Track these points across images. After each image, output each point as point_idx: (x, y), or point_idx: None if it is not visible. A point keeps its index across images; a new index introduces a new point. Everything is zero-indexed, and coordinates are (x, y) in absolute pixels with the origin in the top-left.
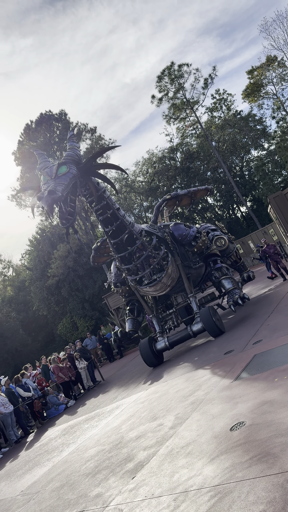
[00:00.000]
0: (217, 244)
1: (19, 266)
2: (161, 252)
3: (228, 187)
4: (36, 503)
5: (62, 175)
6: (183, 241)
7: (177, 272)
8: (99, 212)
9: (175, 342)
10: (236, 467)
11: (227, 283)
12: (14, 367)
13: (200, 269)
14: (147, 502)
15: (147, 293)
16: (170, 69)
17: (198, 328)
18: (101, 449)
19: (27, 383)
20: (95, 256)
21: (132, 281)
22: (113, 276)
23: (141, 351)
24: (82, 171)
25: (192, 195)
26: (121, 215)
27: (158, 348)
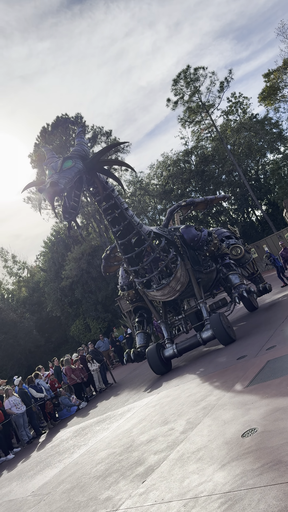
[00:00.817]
0: (232, 253)
1: (33, 267)
2: (169, 255)
3: (243, 191)
4: (47, 504)
5: (67, 169)
6: (195, 245)
7: (186, 277)
8: (107, 212)
9: (183, 349)
10: (247, 474)
11: (234, 278)
12: (28, 368)
13: (211, 274)
14: (156, 507)
15: (155, 298)
16: (186, 73)
17: (208, 336)
18: (112, 452)
19: (40, 384)
20: (105, 266)
21: (139, 284)
22: (121, 279)
23: (148, 358)
24: (89, 166)
25: (208, 202)
26: (129, 215)
27: (166, 355)
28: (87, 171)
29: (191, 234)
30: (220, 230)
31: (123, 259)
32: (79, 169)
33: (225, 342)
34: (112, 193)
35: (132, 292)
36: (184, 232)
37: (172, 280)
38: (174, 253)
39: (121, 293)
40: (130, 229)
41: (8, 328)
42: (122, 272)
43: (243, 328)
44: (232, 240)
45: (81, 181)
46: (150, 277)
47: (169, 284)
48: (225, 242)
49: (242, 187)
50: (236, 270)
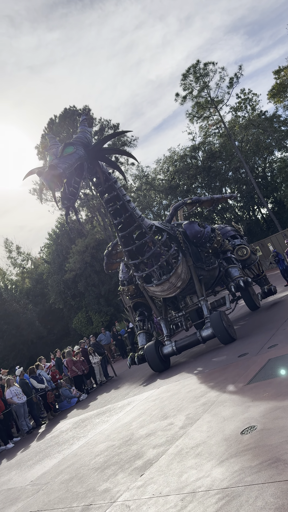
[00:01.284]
0: (238, 254)
1: (37, 259)
2: (171, 250)
3: (249, 188)
4: (45, 494)
5: (68, 155)
6: (198, 242)
7: (188, 274)
8: (109, 204)
9: (183, 347)
10: (246, 471)
11: (234, 271)
12: (29, 359)
13: (214, 271)
14: (154, 500)
15: (155, 294)
16: (196, 67)
17: (207, 334)
18: (111, 445)
19: (41, 374)
20: (107, 263)
21: (139, 279)
22: (121, 274)
23: (146, 355)
24: (90, 154)
25: (215, 200)
26: (131, 207)
27: (165, 352)
28: (88, 158)
29: (194, 230)
30: (225, 228)
31: (123, 252)
32: (80, 156)
33: (225, 341)
34: (114, 184)
35: (132, 288)
36: (187, 228)
37: (172, 275)
38: (176, 248)
39: (121, 288)
40: (131, 222)
41: (11, 318)
42: (123, 267)
43: (245, 326)
44: (238, 241)
45: (82, 168)
46: (149, 271)
47: (169, 280)
48: (230, 243)
49: (249, 184)
50: (237, 264)
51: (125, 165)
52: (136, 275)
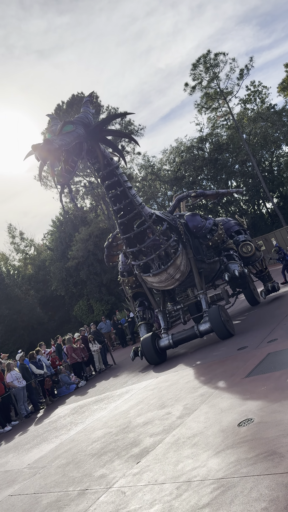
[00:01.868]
0: (242, 250)
1: (40, 245)
2: (170, 239)
3: (255, 182)
4: (42, 477)
5: (66, 133)
6: (198, 232)
7: (187, 266)
8: (110, 190)
9: (179, 340)
10: (241, 463)
11: (233, 266)
12: (30, 344)
13: (215, 264)
14: (150, 488)
15: (153, 285)
16: (206, 58)
17: (205, 328)
18: (108, 432)
19: (41, 360)
20: (108, 256)
21: (136, 268)
22: (121, 265)
23: (142, 348)
24: (91, 135)
25: (220, 195)
26: (132, 194)
27: (161, 345)
28: (88, 139)
29: (195, 221)
30: (229, 222)
31: (122, 240)
32: (79, 134)
33: (222, 336)
34: (116, 170)
35: (132, 279)
36: (189, 220)
37: (170, 266)
38: (175, 238)
39: (121, 279)
40: (131, 209)
41: (12, 303)
42: (122, 258)
43: (246, 320)
44: (242, 236)
45: (80, 147)
46: (147, 260)
47: (167, 271)
48: (234, 239)
49: (255, 178)
50: (238, 262)
51: (131, 154)
52: (133, 263)
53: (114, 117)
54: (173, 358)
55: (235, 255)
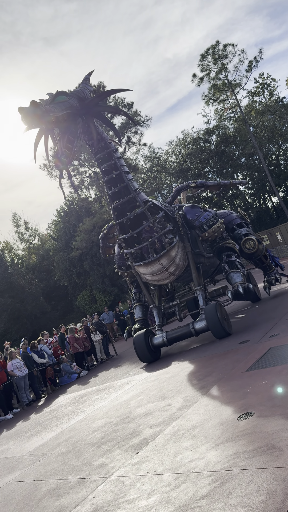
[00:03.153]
0: (246, 247)
1: (44, 235)
2: (165, 228)
3: (261, 175)
4: (42, 465)
5: (58, 102)
6: (194, 222)
7: (185, 260)
8: (106, 174)
9: (174, 338)
10: (240, 456)
11: (236, 276)
12: (32, 333)
13: (214, 259)
14: (148, 478)
15: (147, 278)
16: (215, 49)
17: (201, 327)
18: (108, 421)
19: (43, 349)
20: (103, 247)
21: (129, 258)
22: (117, 257)
23: (135, 345)
24: (85, 109)
25: (222, 186)
26: (128, 179)
27: (155, 343)
28: (82, 113)
29: (194, 211)
30: (231, 215)
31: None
32: (71, 105)
33: (218, 335)
34: (113, 153)
35: (131, 273)
36: (187, 211)
37: (163, 256)
38: (171, 228)
39: (119, 272)
40: (126, 193)
41: (16, 292)
42: (117, 250)
43: (248, 314)
44: (244, 230)
45: (76, 123)
46: (139, 248)
47: (159, 261)
48: (235, 232)
49: (261, 171)
50: (241, 269)
51: (137, 145)
52: (125, 252)
53: (109, 93)
54: (174, 350)
55: (238, 261)
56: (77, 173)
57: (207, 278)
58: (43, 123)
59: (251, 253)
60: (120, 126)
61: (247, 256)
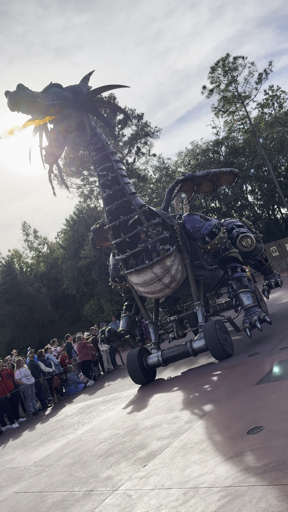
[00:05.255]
0: (242, 244)
1: (53, 244)
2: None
3: (270, 187)
4: (48, 476)
5: (50, 93)
6: (195, 234)
7: (183, 273)
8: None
9: (170, 358)
10: (250, 471)
11: (246, 298)
12: (40, 341)
13: (217, 271)
14: (156, 492)
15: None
16: (225, 61)
17: (199, 346)
18: (115, 433)
19: (50, 358)
20: (94, 239)
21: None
22: (111, 269)
23: (127, 364)
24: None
25: (213, 178)
26: (124, 182)
27: (149, 362)
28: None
29: (194, 221)
30: (232, 219)
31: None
32: (64, 97)
33: (218, 356)
34: (111, 155)
35: (125, 285)
36: (186, 221)
37: (155, 263)
38: (168, 235)
39: (113, 284)
40: (120, 196)
41: (24, 300)
42: (112, 261)
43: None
44: (244, 229)
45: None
46: (132, 253)
47: (152, 269)
48: (234, 230)
49: (270, 183)
50: (249, 287)
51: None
52: (117, 258)
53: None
54: (181, 361)
55: (245, 276)
56: (87, 182)
57: (211, 291)
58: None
59: (248, 252)
60: (130, 137)
61: (243, 255)
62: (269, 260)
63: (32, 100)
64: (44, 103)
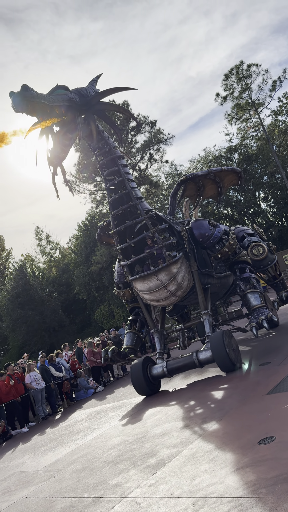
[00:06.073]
0: (253, 253)
1: (65, 249)
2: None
3: (284, 194)
4: (57, 481)
5: (56, 95)
6: (204, 243)
7: (190, 281)
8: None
9: (175, 369)
10: (261, 482)
11: (253, 298)
12: (50, 345)
13: (227, 279)
14: (165, 501)
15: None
16: (239, 68)
17: (206, 357)
18: (124, 440)
19: (60, 363)
20: (101, 234)
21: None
22: (116, 276)
23: (131, 374)
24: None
25: (216, 178)
26: (131, 186)
27: (154, 373)
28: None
29: (202, 229)
30: (242, 227)
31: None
32: (70, 98)
33: (225, 369)
34: (118, 159)
35: (129, 292)
36: (194, 227)
37: (161, 270)
38: (174, 241)
39: (116, 291)
40: (127, 200)
41: (36, 305)
42: (118, 267)
43: (268, 334)
44: (255, 238)
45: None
46: (137, 259)
47: (157, 275)
48: (245, 239)
49: (284, 190)
50: (258, 288)
51: (159, 162)
52: (122, 264)
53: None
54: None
55: (253, 277)
56: (99, 188)
57: (220, 299)
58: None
59: (259, 260)
60: (142, 144)
61: (254, 263)
62: (282, 273)
63: (36, 101)
64: (49, 105)
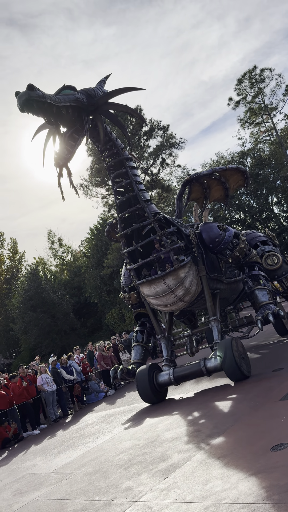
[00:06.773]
0: (267, 262)
1: (77, 252)
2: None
3: None
4: (68, 484)
5: (63, 95)
6: (215, 248)
7: (198, 286)
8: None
9: (182, 377)
10: (273, 489)
11: (261, 295)
12: (61, 348)
13: (237, 284)
14: (177, 506)
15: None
16: (252, 73)
17: (214, 365)
18: (136, 444)
19: (72, 366)
20: (110, 231)
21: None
22: (123, 279)
23: (137, 381)
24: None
25: (221, 178)
26: (139, 188)
27: (160, 380)
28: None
29: (212, 233)
30: (255, 233)
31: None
32: (77, 99)
33: (233, 377)
34: (126, 161)
35: (134, 296)
36: (203, 230)
37: (168, 274)
38: (182, 245)
39: (122, 295)
40: (134, 203)
41: (47, 307)
42: (124, 271)
43: (280, 339)
44: (268, 247)
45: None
46: (144, 262)
47: (164, 280)
48: (259, 248)
49: None
50: (266, 285)
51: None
52: (129, 267)
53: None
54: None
55: (262, 275)
56: (111, 193)
57: (229, 305)
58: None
59: (273, 270)
60: (155, 148)
61: (267, 273)
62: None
63: (42, 101)
64: (55, 105)
